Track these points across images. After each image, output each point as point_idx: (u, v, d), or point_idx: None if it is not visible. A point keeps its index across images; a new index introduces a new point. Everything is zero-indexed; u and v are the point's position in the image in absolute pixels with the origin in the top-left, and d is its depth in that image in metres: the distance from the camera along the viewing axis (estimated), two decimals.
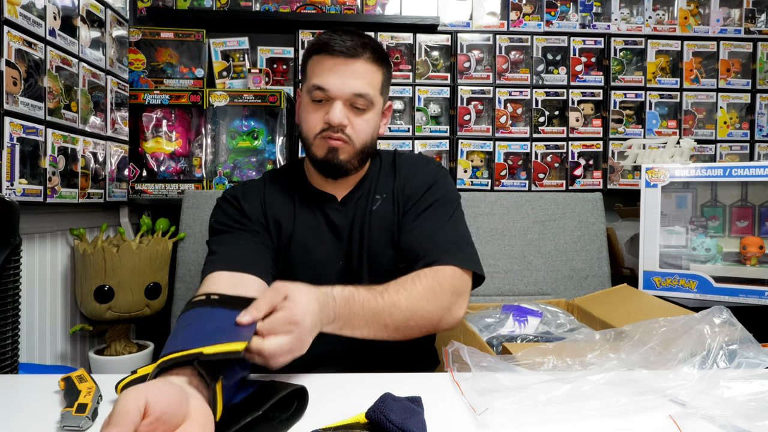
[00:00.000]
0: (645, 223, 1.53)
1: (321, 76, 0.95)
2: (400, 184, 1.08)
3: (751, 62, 2.22)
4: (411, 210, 1.04)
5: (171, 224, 1.69)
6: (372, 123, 1.00)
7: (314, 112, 0.98)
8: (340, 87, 0.95)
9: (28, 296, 1.38)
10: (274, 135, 1.98)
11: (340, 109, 0.95)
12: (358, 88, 0.95)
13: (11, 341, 0.94)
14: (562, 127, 2.19)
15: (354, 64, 0.95)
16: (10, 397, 0.67)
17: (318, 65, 0.97)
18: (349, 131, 0.97)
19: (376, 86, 0.99)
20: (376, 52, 0.98)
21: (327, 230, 1.05)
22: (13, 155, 1.23)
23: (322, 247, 1.03)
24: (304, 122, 1.01)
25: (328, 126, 0.96)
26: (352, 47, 0.94)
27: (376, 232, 1.04)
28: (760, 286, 1.38)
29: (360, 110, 0.98)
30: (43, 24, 1.33)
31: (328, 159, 0.98)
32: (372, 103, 0.98)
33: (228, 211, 1.04)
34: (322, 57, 0.96)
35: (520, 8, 2.19)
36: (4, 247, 0.91)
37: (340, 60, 0.95)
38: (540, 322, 1.22)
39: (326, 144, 0.98)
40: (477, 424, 0.59)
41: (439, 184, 1.07)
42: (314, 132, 0.98)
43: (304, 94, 1.01)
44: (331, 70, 0.95)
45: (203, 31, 1.98)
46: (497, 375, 0.65)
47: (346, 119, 0.96)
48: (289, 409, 0.59)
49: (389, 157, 1.14)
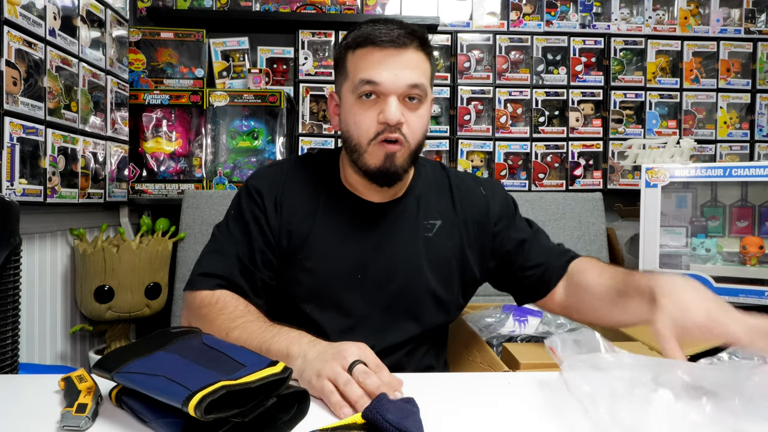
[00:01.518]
0: (645, 223, 1.53)
1: (370, 70, 0.86)
2: (467, 211, 1.00)
3: (751, 62, 2.22)
4: (506, 230, 1.01)
5: (171, 224, 1.69)
6: (425, 119, 0.92)
7: (364, 112, 0.87)
8: (394, 80, 0.85)
9: (28, 296, 1.38)
10: (274, 135, 1.98)
11: (396, 104, 0.86)
12: (414, 78, 0.86)
13: (11, 341, 0.94)
14: (562, 127, 2.19)
15: (405, 54, 0.86)
16: (10, 397, 0.67)
17: (363, 59, 0.87)
18: (405, 129, 0.88)
19: (428, 76, 0.91)
20: (423, 41, 0.89)
21: (352, 239, 0.95)
22: (13, 155, 1.23)
23: (341, 257, 0.94)
24: (354, 126, 0.89)
25: (383, 127, 0.87)
26: (400, 36, 0.86)
27: (432, 257, 0.96)
28: (760, 286, 1.38)
29: (414, 105, 0.89)
30: (43, 24, 1.33)
31: (385, 168, 0.88)
32: (426, 94, 0.90)
33: (250, 208, 0.96)
34: (367, 50, 0.87)
35: (520, 8, 2.19)
36: (4, 247, 0.90)
37: (389, 51, 0.86)
38: (540, 322, 1.22)
39: (383, 150, 0.87)
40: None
41: (511, 200, 1.06)
42: (368, 137, 0.88)
43: (346, 95, 0.90)
44: (380, 63, 0.85)
45: (203, 31, 1.98)
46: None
47: (403, 116, 0.87)
48: (290, 411, 0.59)
49: (438, 171, 1.05)
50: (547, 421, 0.60)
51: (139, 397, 0.58)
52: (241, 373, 0.56)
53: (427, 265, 0.96)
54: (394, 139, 0.87)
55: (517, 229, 1.01)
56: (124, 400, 0.60)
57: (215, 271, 0.91)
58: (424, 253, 0.96)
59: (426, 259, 0.96)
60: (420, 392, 0.62)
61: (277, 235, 0.94)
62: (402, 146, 0.88)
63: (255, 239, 0.93)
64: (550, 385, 0.63)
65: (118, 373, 0.59)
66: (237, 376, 0.55)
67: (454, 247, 0.98)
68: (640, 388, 0.57)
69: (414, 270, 0.95)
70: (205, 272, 0.91)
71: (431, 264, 0.96)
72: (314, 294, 0.94)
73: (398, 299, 0.95)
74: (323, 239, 0.94)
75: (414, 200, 0.98)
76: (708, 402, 0.55)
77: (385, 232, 0.95)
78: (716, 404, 0.55)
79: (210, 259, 0.94)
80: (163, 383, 0.55)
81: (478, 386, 0.71)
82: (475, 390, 0.70)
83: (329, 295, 0.93)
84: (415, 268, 0.95)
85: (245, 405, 0.55)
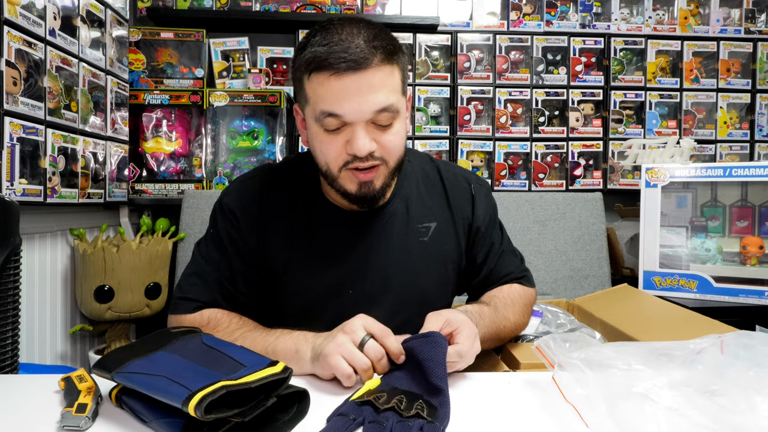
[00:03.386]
0: (645, 223, 1.53)
1: (330, 102, 0.76)
2: (460, 211, 0.96)
3: (751, 62, 2.22)
4: (480, 237, 0.98)
5: (171, 224, 1.69)
6: (401, 133, 0.83)
7: (330, 143, 0.80)
8: (359, 108, 0.76)
9: (28, 296, 1.38)
10: (274, 135, 1.98)
11: (363, 135, 0.77)
12: (380, 102, 0.76)
13: (11, 341, 0.94)
14: (562, 127, 2.19)
15: (366, 75, 0.75)
16: (10, 397, 0.67)
17: (321, 87, 0.77)
18: (379, 153, 0.80)
19: (398, 89, 0.80)
20: (386, 49, 0.77)
21: (339, 254, 0.89)
22: (13, 155, 1.23)
23: (329, 275, 0.89)
24: (321, 154, 0.82)
25: (353, 157, 0.79)
26: (360, 56, 0.74)
27: (430, 263, 0.93)
28: (760, 286, 1.38)
29: (385, 127, 0.80)
30: (43, 24, 1.33)
31: (362, 193, 0.82)
32: (397, 111, 0.80)
33: (227, 229, 0.90)
34: (324, 77, 0.76)
35: (520, 8, 2.19)
36: (4, 247, 0.90)
37: (348, 77, 0.75)
38: (540, 322, 1.22)
39: (356, 178, 0.81)
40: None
41: (495, 210, 1.04)
42: (338, 165, 0.81)
43: (310, 121, 0.82)
44: (341, 92, 0.75)
45: (203, 31, 1.98)
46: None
47: (373, 143, 0.79)
48: (290, 411, 0.59)
49: (427, 165, 0.98)
50: (547, 421, 0.60)
51: (139, 397, 0.58)
52: (241, 373, 0.56)
53: (423, 272, 0.92)
54: (366, 167, 0.80)
55: (490, 240, 1.00)
56: (124, 400, 0.60)
57: (198, 297, 0.88)
58: (419, 259, 0.91)
59: (422, 265, 0.92)
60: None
61: (257, 254, 0.89)
62: (378, 169, 0.82)
63: (233, 261, 0.89)
64: (550, 385, 0.63)
65: (118, 373, 0.59)
66: (237, 376, 0.55)
67: (451, 250, 0.95)
68: (636, 386, 0.57)
69: (408, 279, 0.91)
70: (187, 297, 0.89)
71: (429, 269, 0.92)
72: (304, 313, 0.91)
73: (394, 311, 0.90)
74: (307, 259, 0.89)
75: (402, 203, 0.92)
76: (707, 400, 0.55)
77: (374, 243, 0.90)
78: (715, 402, 0.55)
79: (190, 283, 0.90)
80: (163, 383, 0.55)
81: (478, 386, 0.71)
82: (475, 390, 0.70)
83: (320, 314, 0.90)
84: (409, 276, 0.91)
85: (245, 405, 0.55)
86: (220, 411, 0.52)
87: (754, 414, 0.54)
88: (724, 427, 0.52)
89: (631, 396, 0.56)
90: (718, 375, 0.60)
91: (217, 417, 0.52)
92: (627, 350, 0.64)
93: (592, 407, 0.56)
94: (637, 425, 0.52)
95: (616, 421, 0.53)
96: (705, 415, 0.53)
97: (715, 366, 0.62)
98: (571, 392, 0.59)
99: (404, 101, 0.84)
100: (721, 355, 0.64)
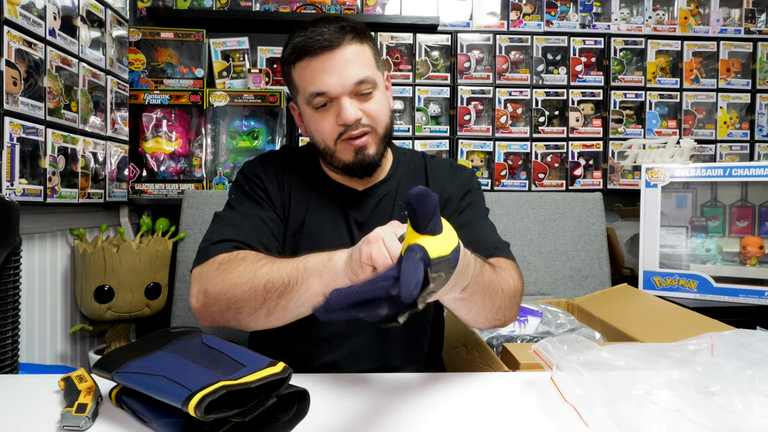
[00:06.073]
0: (645, 223, 1.53)
1: (315, 81, 0.89)
2: (436, 186, 1.03)
3: (751, 62, 2.22)
4: (451, 212, 1.00)
5: (171, 224, 1.69)
6: (383, 102, 0.95)
7: (322, 119, 0.92)
8: (340, 82, 0.89)
9: (28, 296, 1.38)
10: (274, 135, 1.98)
11: (348, 105, 0.89)
12: (357, 74, 0.89)
13: (11, 341, 0.94)
14: (562, 127, 2.19)
15: (340, 52, 0.89)
16: (10, 397, 0.67)
17: (305, 71, 0.91)
18: (366, 120, 0.92)
19: (371, 64, 0.93)
20: (355, 30, 0.91)
21: (342, 224, 0.99)
22: (13, 155, 1.23)
23: (333, 240, 0.96)
24: (317, 133, 0.95)
25: (344, 128, 0.91)
26: (332, 37, 0.88)
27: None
28: (760, 286, 1.39)
29: (367, 96, 0.92)
30: (43, 24, 1.33)
31: (359, 160, 0.93)
32: (375, 82, 0.92)
33: (252, 188, 0.98)
34: (305, 62, 0.90)
35: (520, 8, 2.19)
36: (4, 247, 0.91)
37: (325, 56, 0.88)
38: (540, 322, 1.22)
39: (351, 147, 0.92)
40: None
41: (473, 192, 1.04)
42: (332, 138, 0.93)
43: (303, 107, 0.96)
44: (322, 71, 0.89)
45: (203, 31, 1.98)
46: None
47: (359, 111, 0.90)
48: (290, 411, 0.59)
49: (417, 159, 1.09)
50: (547, 421, 0.60)
51: (139, 397, 0.58)
52: (241, 373, 0.56)
53: None
54: (358, 135, 0.91)
55: (473, 210, 1.02)
56: (124, 400, 0.60)
57: (232, 236, 0.87)
58: None
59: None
60: (420, 392, 0.62)
61: (281, 210, 0.98)
62: (369, 134, 0.93)
63: (265, 211, 0.96)
64: (549, 385, 0.63)
65: (118, 373, 0.59)
66: (237, 376, 0.55)
67: None
68: (635, 387, 0.57)
69: None
70: (220, 239, 0.87)
71: None
72: None
73: None
74: (318, 221, 0.98)
75: (396, 184, 1.03)
76: (706, 400, 0.55)
77: (369, 215, 1.00)
78: (714, 401, 0.55)
79: (221, 231, 0.90)
80: (163, 383, 0.56)
81: (478, 386, 0.71)
82: (475, 390, 0.70)
83: None
84: None
85: (245, 405, 0.55)
86: (220, 411, 0.52)
87: (753, 414, 0.54)
88: (723, 427, 0.52)
89: (630, 397, 0.56)
90: (715, 375, 0.60)
91: (217, 417, 0.52)
92: (625, 352, 0.65)
93: (592, 407, 0.56)
94: (637, 425, 0.52)
95: (616, 421, 0.53)
96: (705, 415, 0.53)
97: (713, 365, 0.62)
98: (571, 393, 0.59)
99: (381, 77, 0.96)
100: (718, 354, 0.64)
